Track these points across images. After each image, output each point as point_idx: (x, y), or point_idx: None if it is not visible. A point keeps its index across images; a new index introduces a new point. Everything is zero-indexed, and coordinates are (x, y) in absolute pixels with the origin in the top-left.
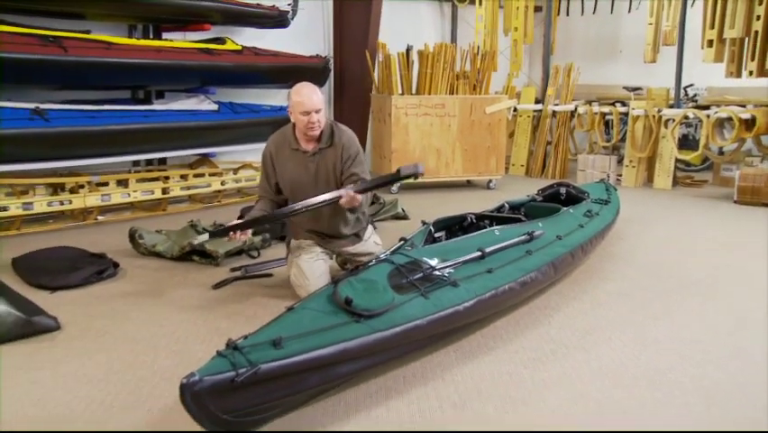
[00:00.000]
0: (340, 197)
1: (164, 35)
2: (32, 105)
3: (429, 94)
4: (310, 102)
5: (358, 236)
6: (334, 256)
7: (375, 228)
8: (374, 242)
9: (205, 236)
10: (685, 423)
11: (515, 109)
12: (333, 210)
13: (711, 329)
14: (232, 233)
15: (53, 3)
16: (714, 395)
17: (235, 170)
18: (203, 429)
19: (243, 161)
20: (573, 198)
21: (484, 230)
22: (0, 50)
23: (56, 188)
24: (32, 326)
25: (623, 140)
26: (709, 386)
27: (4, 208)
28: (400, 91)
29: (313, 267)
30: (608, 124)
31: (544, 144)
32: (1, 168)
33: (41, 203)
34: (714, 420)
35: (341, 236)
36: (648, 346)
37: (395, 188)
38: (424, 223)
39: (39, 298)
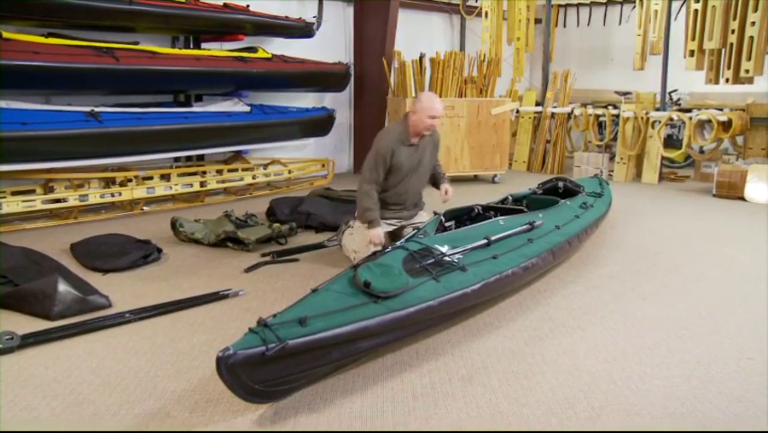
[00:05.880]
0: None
1: (203, 45)
2: (87, 109)
3: (440, 97)
4: (439, 110)
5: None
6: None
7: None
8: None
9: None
10: (667, 393)
11: (517, 111)
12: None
13: (693, 308)
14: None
15: (107, 19)
16: (694, 368)
17: (265, 166)
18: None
19: (272, 157)
20: (570, 191)
21: (490, 220)
22: (61, 60)
23: (108, 182)
24: (87, 303)
25: (615, 139)
26: (690, 360)
27: (64, 200)
28: (414, 94)
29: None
30: (601, 125)
31: (544, 143)
32: (61, 164)
33: (95, 195)
34: (693, 391)
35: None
36: (637, 324)
37: None
38: (435, 213)
39: (93, 278)
